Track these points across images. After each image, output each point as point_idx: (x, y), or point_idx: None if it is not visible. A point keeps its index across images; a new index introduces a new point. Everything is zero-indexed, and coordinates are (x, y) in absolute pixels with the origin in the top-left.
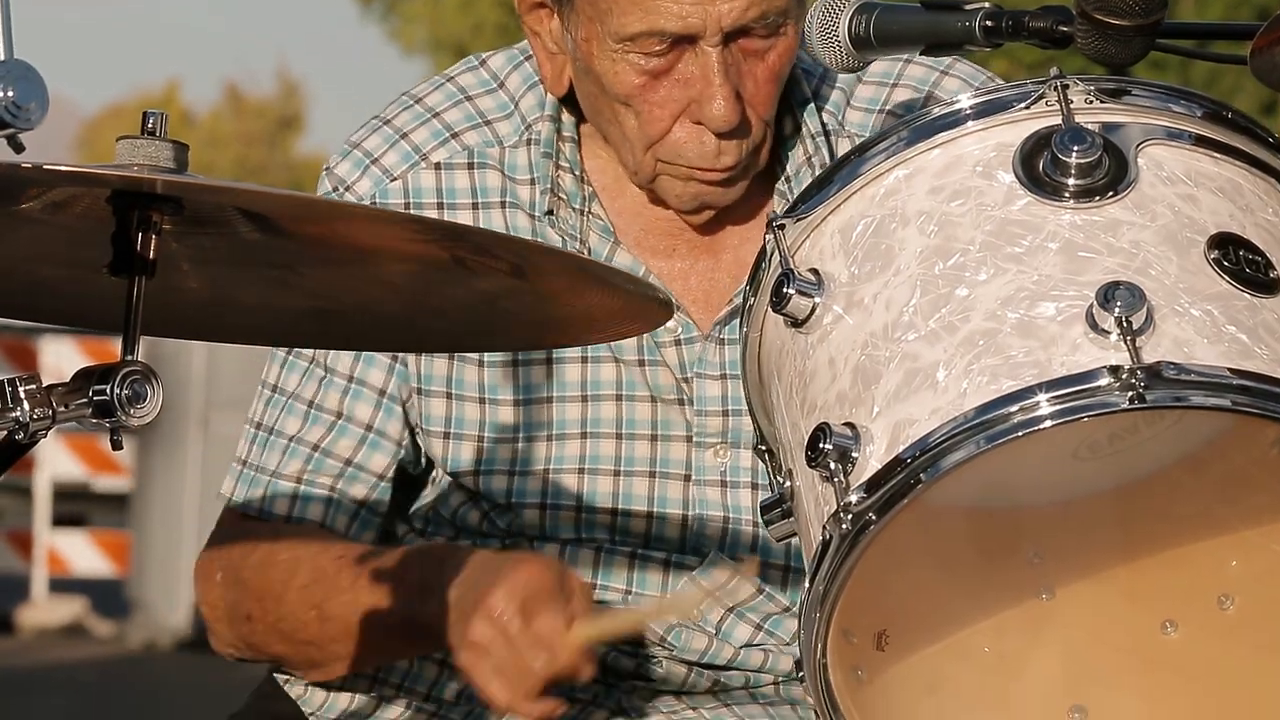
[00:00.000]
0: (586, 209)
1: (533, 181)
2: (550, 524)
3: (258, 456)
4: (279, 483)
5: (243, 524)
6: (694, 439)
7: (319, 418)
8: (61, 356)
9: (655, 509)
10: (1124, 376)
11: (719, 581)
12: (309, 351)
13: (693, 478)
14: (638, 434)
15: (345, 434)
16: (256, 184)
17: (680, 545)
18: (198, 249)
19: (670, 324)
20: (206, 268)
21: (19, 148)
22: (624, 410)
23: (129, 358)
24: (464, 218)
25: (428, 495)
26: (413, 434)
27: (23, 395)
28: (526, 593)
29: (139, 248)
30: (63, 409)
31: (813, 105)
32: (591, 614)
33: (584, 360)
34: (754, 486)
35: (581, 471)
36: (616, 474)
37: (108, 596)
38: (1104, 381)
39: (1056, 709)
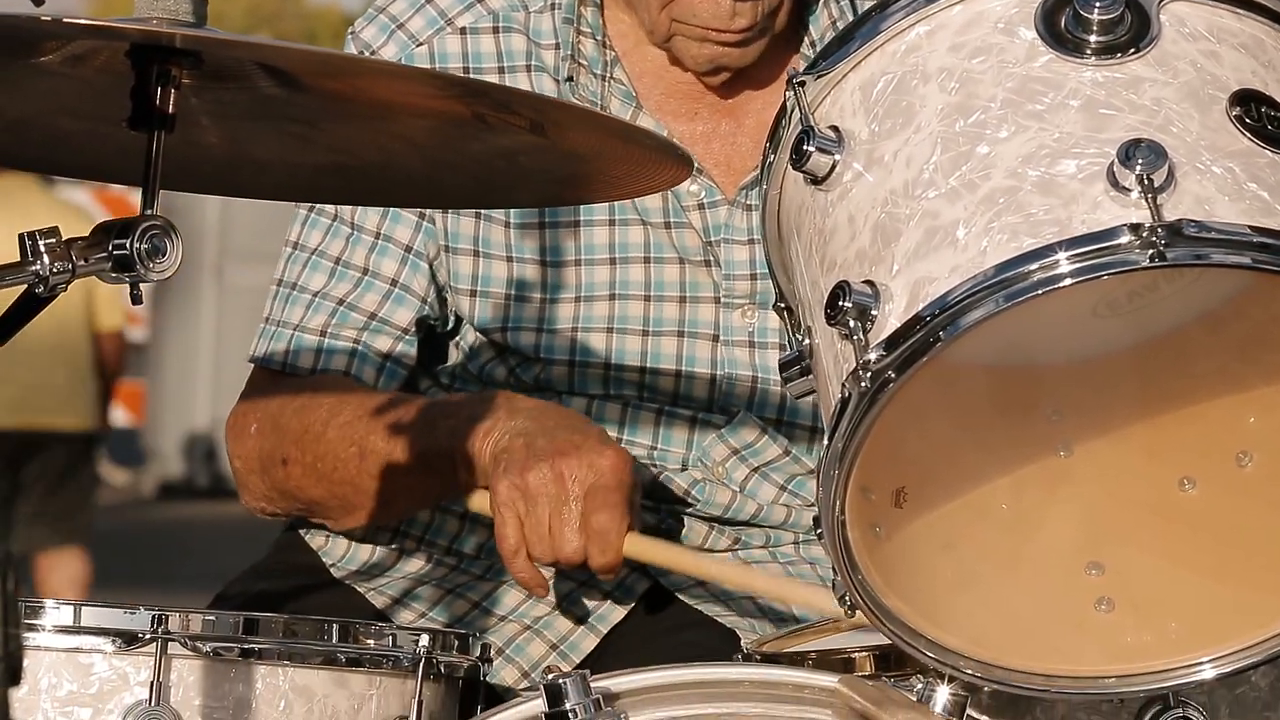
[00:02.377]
0: (608, 74)
1: (556, 46)
2: (579, 380)
3: (281, 312)
4: (303, 336)
5: (276, 379)
6: (722, 300)
7: (345, 274)
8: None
9: (683, 368)
10: (1144, 234)
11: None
12: (331, 209)
13: (721, 338)
14: (666, 295)
15: (371, 289)
16: (276, 39)
17: (708, 404)
18: (217, 104)
19: (693, 188)
20: (226, 123)
21: (38, 0)
22: (652, 272)
23: (148, 212)
24: None
25: (454, 354)
26: (439, 292)
27: (42, 249)
28: (601, 480)
29: (158, 102)
30: (82, 263)
31: None
32: (643, 534)
33: (611, 223)
34: (782, 348)
35: (610, 331)
36: (645, 334)
37: (123, 445)
38: (1124, 239)
39: (1074, 566)
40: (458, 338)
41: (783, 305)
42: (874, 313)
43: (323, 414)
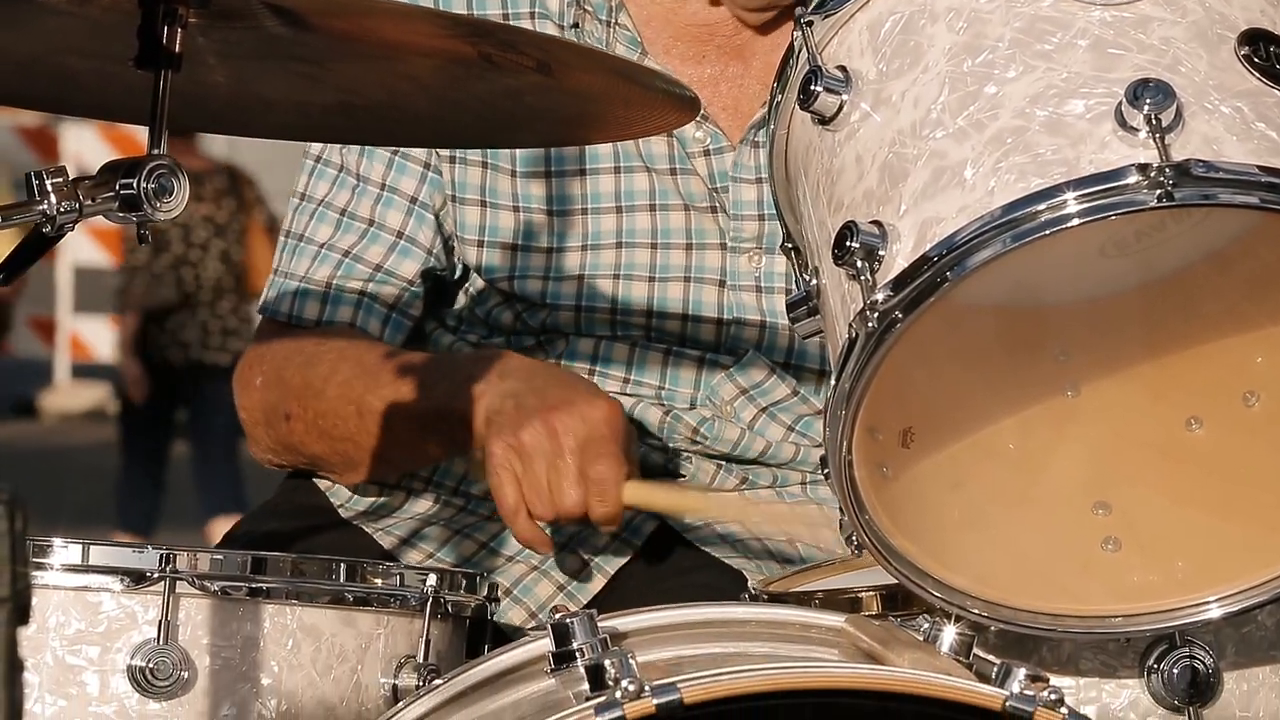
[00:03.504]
0: (613, 20)
1: None
2: (585, 324)
3: (288, 264)
4: (309, 288)
5: (282, 331)
6: (728, 245)
7: (351, 225)
8: (84, 142)
9: (690, 313)
10: (1152, 174)
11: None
12: (338, 159)
13: (727, 283)
14: (673, 243)
15: (376, 241)
16: None
17: (715, 346)
18: (224, 43)
19: (698, 134)
20: (233, 62)
21: None
22: (658, 219)
23: (155, 152)
24: None
25: (461, 299)
26: (446, 242)
27: (49, 188)
28: (595, 432)
29: (165, 41)
30: (89, 202)
31: None
32: (642, 480)
33: (617, 170)
34: (789, 291)
35: (616, 278)
36: (651, 280)
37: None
38: (1132, 179)
39: (1080, 505)
40: (466, 284)
41: (790, 245)
42: (881, 253)
43: (324, 370)
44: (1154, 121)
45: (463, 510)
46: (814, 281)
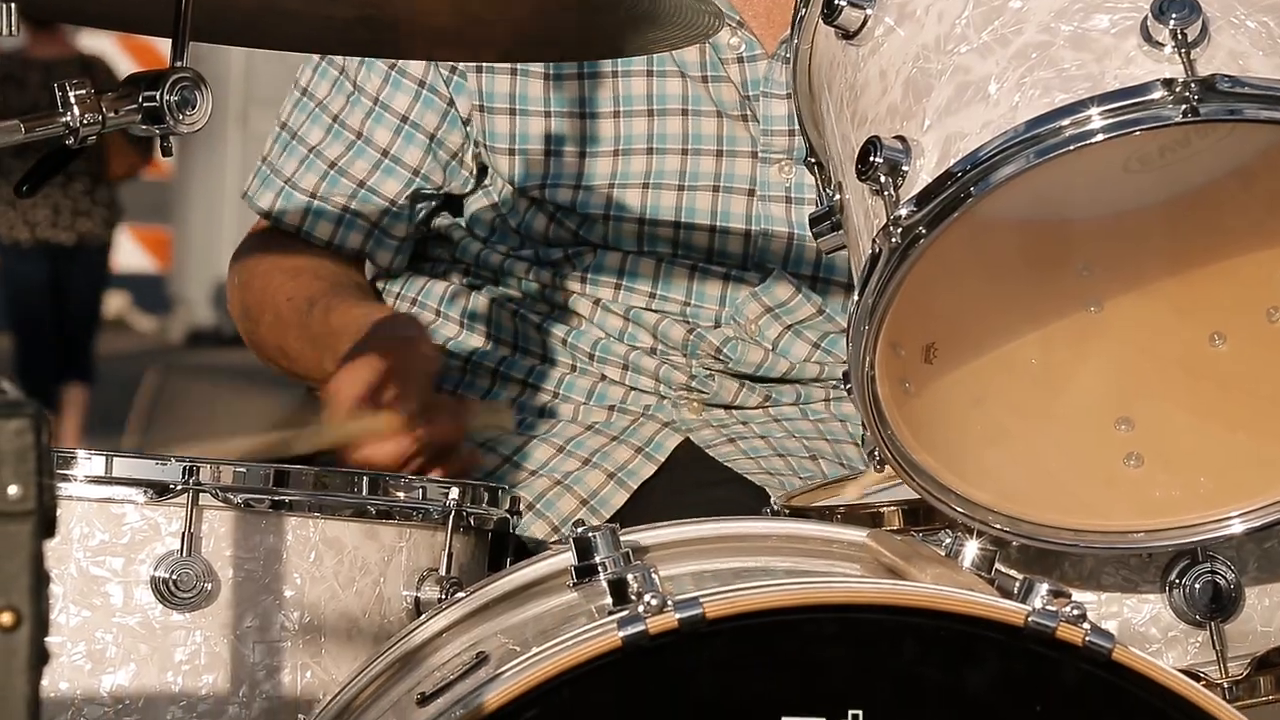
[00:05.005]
0: None
1: None
2: (613, 235)
3: (278, 158)
4: (294, 193)
5: (262, 237)
6: (759, 155)
7: (340, 134)
8: (101, 53)
9: (719, 223)
10: (1177, 89)
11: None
12: (340, 61)
13: (757, 193)
14: (704, 149)
15: (362, 155)
16: None
17: (742, 260)
18: None
19: (733, 40)
20: None
21: None
22: (690, 125)
23: (178, 64)
24: None
25: (485, 209)
26: (454, 158)
27: (73, 100)
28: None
29: None
30: (112, 115)
31: None
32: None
33: (649, 74)
34: (817, 204)
35: (646, 186)
36: (680, 189)
37: (149, 291)
38: (1157, 94)
39: (1103, 421)
40: (493, 194)
41: (814, 160)
42: (905, 168)
43: (257, 300)
44: (1179, 36)
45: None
46: (837, 197)
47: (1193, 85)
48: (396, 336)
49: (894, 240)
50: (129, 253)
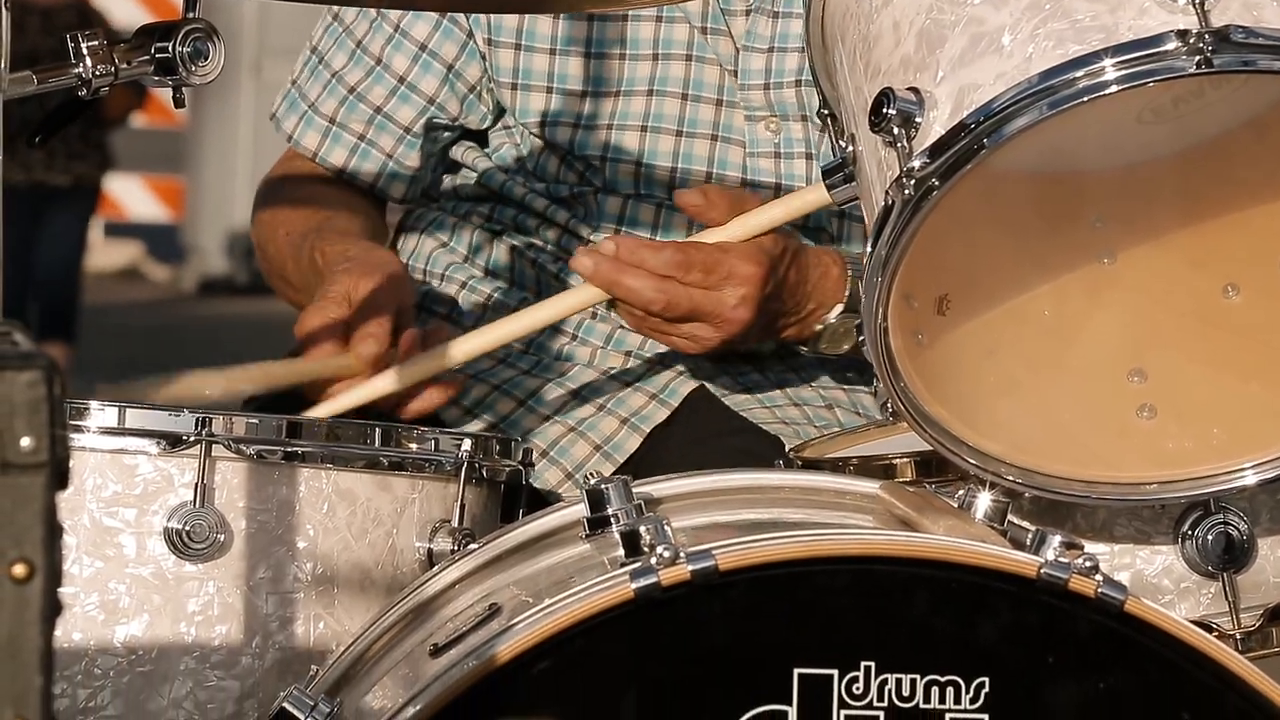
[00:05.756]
0: None
1: None
2: (610, 177)
3: (305, 81)
4: (315, 118)
5: (283, 167)
6: (744, 112)
7: (362, 59)
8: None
9: (715, 170)
10: (1191, 40)
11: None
12: None
13: (748, 149)
14: (704, 97)
15: (380, 81)
16: None
17: None
18: None
19: None
20: None
21: None
22: (692, 71)
23: (191, 15)
24: None
25: (508, 146)
26: (471, 91)
27: (85, 51)
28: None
29: None
30: (125, 66)
31: None
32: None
33: (658, 19)
34: (808, 157)
35: (644, 129)
36: (679, 134)
37: (163, 241)
38: (1171, 46)
39: (1116, 372)
40: (514, 133)
41: (826, 112)
42: (918, 120)
43: (273, 232)
44: None
45: (502, 363)
46: (850, 148)
47: (1206, 36)
48: (370, 270)
49: (907, 192)
50: (142, 202)
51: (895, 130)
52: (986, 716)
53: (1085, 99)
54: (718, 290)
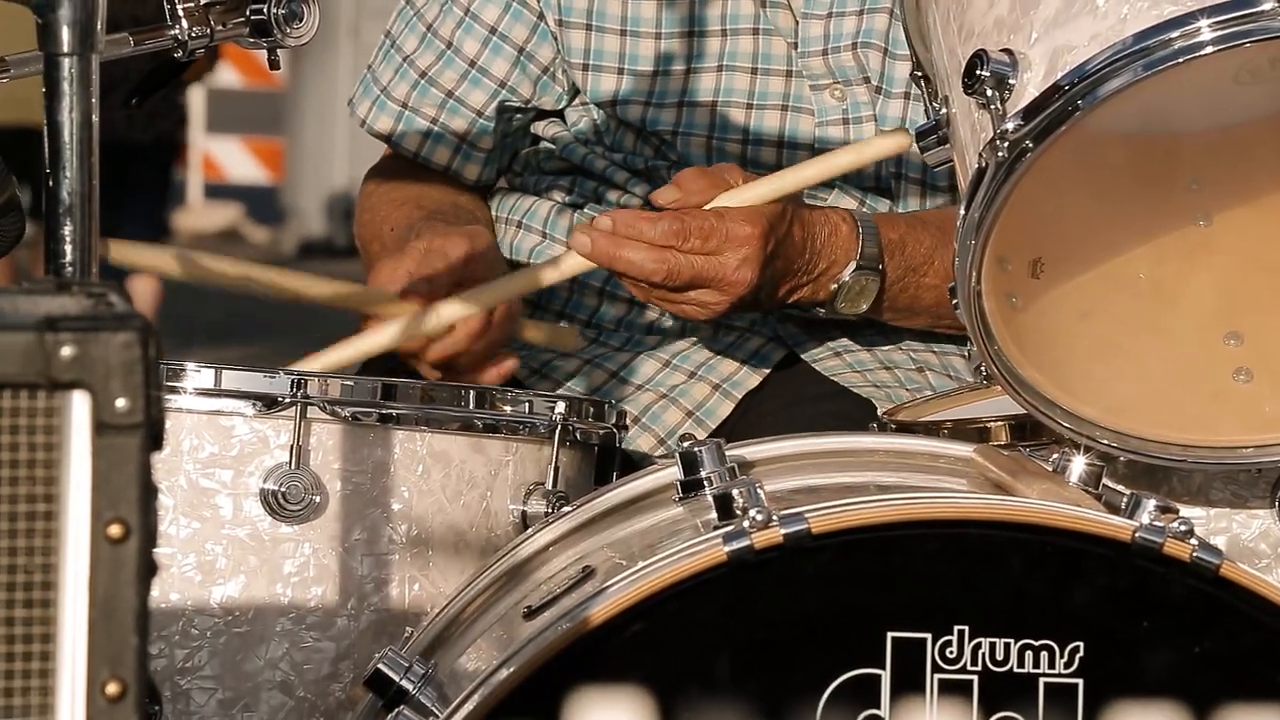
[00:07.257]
0: None
1: None
2: (684, 151)
3: (379, 66)
4: (388, 102)
5: (379, 169)
6: (811, 83)
7: (432, 43)
8: None
9: (786, 139)
10: None
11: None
12: None
13: (818, 118)
14: (773, 70)
15: (451, 65)
16: None
17: None
18: None
19: None
20: None
21: None
22: (760, 45)
23: None
24: None
25: (585, 121)
26: (545, 72)
27: (181, 13)
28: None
29: None
30: (220, 28)
31: None
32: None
33: None
34: (876, 119)
35: (715, 105)
36: (749, 108)
37: (262, 202)
38: (1268, 6)
39: (1212, 335)
40: (592, 110)
41: (920, 74)
42: (1012, 82)
43: (376, 229)
44: None
45: (594, 342)
46: (944, 110)
47: None
48: (453, 232)
49: (1000, 154)
50: (241, 164)
51: (989, 92)
52: (1080, 681)
53: (1180, 60)
54: (718, 255)
